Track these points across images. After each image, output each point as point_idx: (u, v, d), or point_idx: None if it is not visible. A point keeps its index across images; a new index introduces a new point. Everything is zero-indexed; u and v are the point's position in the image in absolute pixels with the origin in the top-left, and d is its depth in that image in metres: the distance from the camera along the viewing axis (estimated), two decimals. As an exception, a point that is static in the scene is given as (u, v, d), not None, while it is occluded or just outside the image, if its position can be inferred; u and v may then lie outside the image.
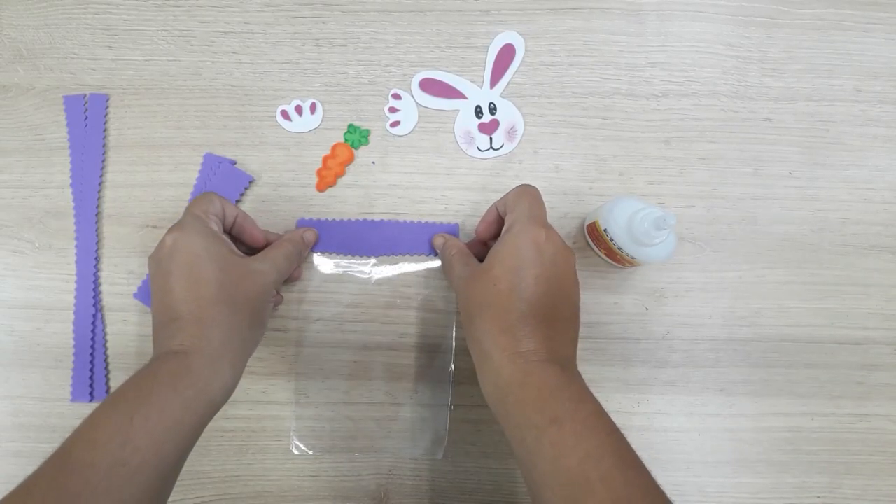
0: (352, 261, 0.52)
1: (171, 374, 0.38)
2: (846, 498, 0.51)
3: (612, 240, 0.46)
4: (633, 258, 0.46)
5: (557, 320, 0.40)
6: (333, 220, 0.52)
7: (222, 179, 0.52)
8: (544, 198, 0.52)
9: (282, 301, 0.51)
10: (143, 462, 0.34)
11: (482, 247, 0.49)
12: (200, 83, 0.53)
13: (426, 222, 0.52)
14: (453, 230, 0.51)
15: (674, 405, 0.51)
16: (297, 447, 0.50)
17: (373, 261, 0.52)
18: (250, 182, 0.52)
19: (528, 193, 0.44)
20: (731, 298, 0.52)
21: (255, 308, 0.43)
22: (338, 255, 0.52)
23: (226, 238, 0.45)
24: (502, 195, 0.46)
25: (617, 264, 0.50)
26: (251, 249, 0.48)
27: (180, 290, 0.40)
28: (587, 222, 0.51)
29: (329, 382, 0.51)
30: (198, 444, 0.50)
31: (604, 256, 0.51)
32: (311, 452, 0.50)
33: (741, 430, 0.51)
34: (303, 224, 0.52)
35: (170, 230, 0.42)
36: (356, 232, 0.51)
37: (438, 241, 0.50)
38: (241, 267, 0.43)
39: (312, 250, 0.51)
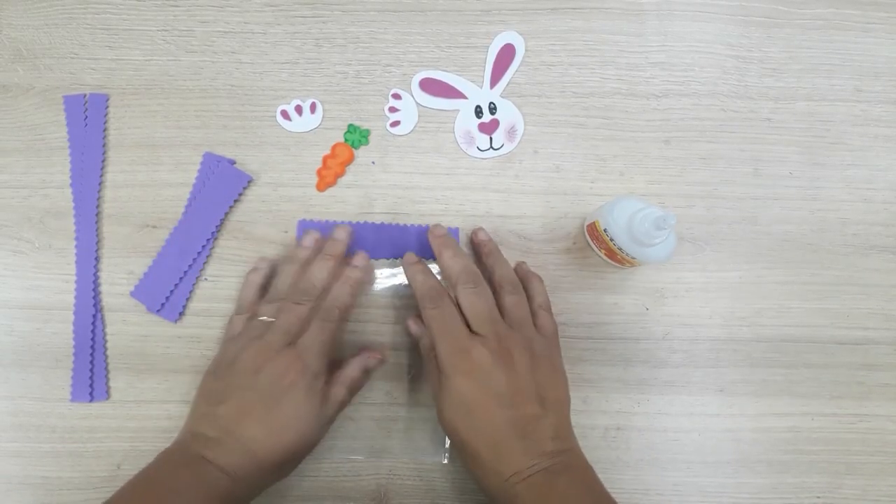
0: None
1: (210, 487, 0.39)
2: (846, 498, 0.50)
3: (612, 240, 0.46)
4: (633, 258, 0.46)
5: (528, 423, 0.40)
6: (335, 221, 0.52)
7: (221, 179, 0.51)
8: (545, 198, 0.53)
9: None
10: None
11: None
12: (200, 83, 0.53)
13: (427, 226, 0.52)
14: (454, 234, 0.51)
15: (674, 405, 0.51)
16: None
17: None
18: (249, 182, 0.52)
19: (437, 321, 0.44)
20: (731, 298, 0.52)
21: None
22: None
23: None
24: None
25: (617, 264, 0.50)
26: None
27: (264, 431, 0.41)
28: (587, 222, 0.51)
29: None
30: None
31: (604, 256, 0.51)
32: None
33: (741, 430, 0.51)
34: (304, 226, 0.52)
35: (301, 362, 0.42)
36: (356, 234, 0.51)
37: (413, 328, 0.49)
38: (316, 437, 0.44)
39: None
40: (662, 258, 0.45)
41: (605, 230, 0.47)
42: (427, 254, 0.51)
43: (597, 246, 0.50)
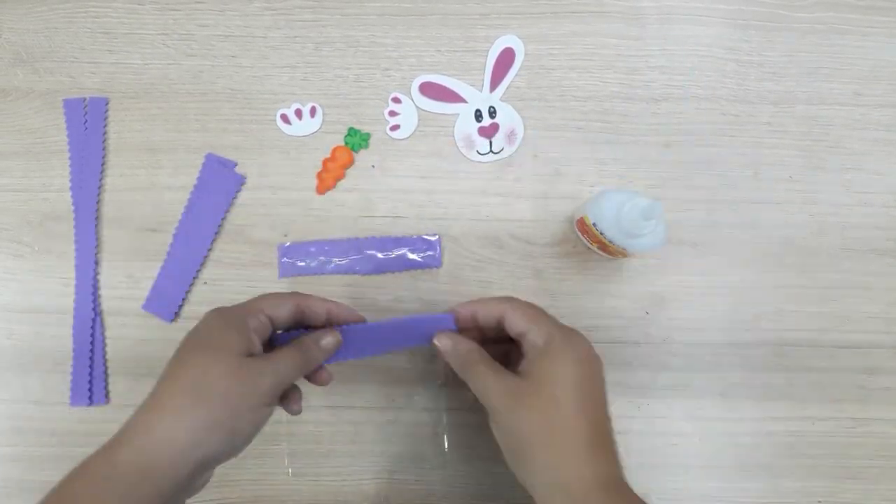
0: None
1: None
2: (847, 503, 0.50)
3: (602, 233, 0.46)
4: (624, 249, 0.46)
5: (610, 435, 0.39)
6: (319, 241, 0.50)
7: (216, 181, 0.51)
8: (545, 202, 0.53)
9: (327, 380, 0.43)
10: None
11: (477, 333, 0.44)
12: (200, 87, 0.53)
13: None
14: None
15: (674, 409, 0.51)
16: (292, 465, 0.50)
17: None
18: (242, 185, 0.52)
19: (536, 309, 0.42)
20: (731, 302, 0.52)
21: (229, 410, 0.36)
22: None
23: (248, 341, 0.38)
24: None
25: (611, 256, 0.50)
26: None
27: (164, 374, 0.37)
28: (576, 217, 0.50)
29: (327, 386, 0.50)
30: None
31: (597, 249, 0.50)
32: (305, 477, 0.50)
33: (742, 434, 0.51)
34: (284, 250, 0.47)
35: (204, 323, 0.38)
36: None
37: (444, 341, 0.42)
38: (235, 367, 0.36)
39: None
40: (656, 246, 0.44)
41: (594, 224, 0.46)
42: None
43: (588, 240, 0.50)
